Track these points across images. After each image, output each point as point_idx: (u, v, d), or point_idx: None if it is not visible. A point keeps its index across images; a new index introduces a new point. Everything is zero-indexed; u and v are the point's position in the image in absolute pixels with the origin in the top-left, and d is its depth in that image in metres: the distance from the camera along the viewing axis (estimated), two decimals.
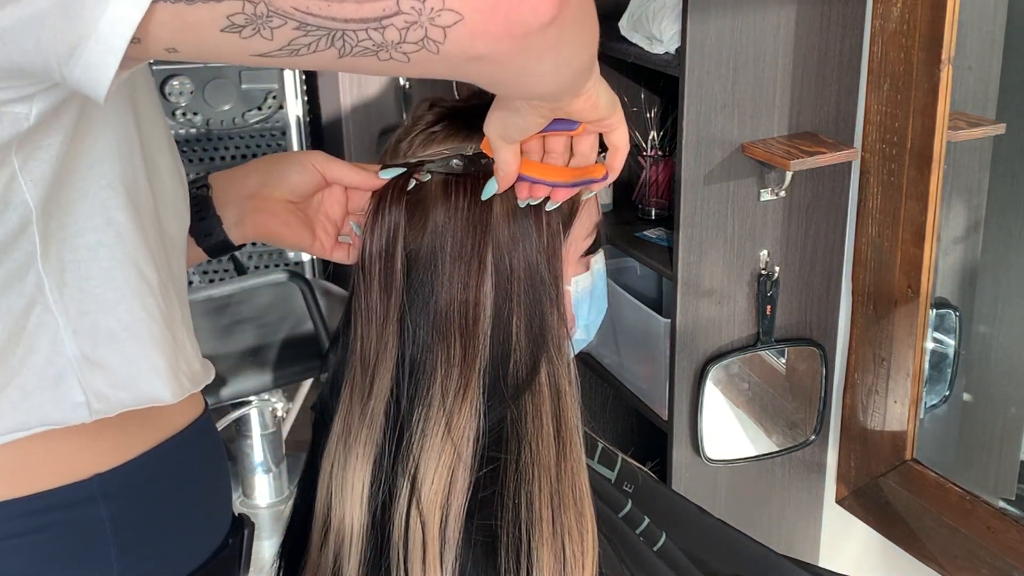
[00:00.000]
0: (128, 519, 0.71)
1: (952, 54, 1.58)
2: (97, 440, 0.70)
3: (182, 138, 3.22)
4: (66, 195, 0.65)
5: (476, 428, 0.82)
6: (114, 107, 0.67)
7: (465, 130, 0.86)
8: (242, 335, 2.42)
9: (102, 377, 0.68)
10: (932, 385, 1.87)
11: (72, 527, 0.68)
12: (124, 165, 0.68)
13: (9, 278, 0.64)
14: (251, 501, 2.71)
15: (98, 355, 0.68)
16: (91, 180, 0.66)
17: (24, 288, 0.65)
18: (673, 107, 1.85)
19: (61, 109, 0.61)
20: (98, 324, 0.67)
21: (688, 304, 1.77)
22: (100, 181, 0.67)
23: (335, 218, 0.91)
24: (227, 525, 0.82)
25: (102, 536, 0.69)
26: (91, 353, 0.67)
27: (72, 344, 0.67)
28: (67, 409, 0.67)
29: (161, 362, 0.70)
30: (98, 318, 0.67)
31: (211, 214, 0.88)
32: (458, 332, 0.82)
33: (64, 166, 0.64)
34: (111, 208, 0.67)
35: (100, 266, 0.67)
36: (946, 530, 1.77)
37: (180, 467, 0.76)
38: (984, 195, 1.84)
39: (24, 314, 0.65)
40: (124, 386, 0.69)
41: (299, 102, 3.27)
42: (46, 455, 0.68)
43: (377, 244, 0.83)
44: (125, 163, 0.68)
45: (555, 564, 0.81)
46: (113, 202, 0.67)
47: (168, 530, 0.74)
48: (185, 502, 0.76)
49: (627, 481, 1.11)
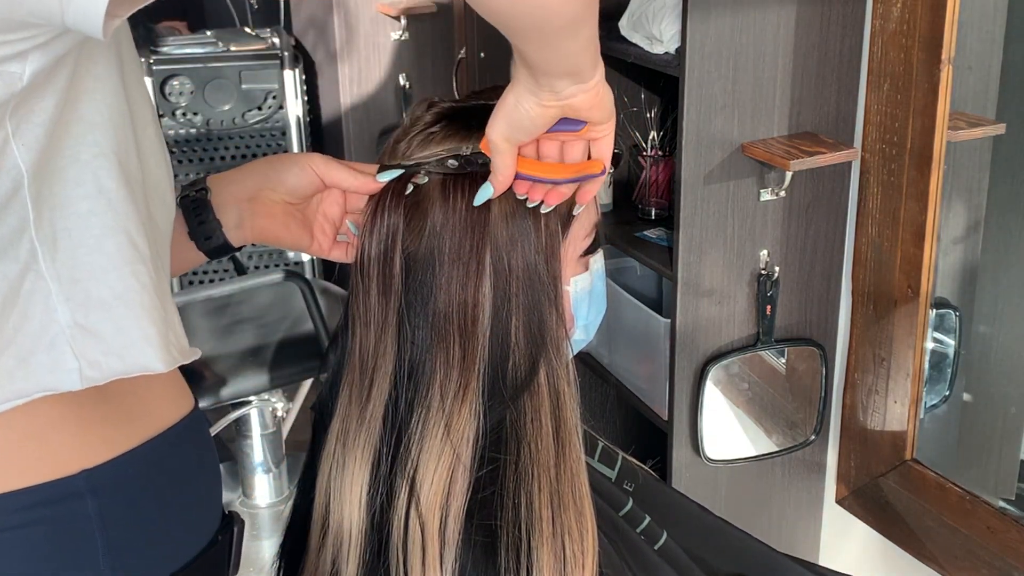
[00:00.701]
0: (116, 515, 0.71)
1: (952, 54, 1.58)
2: (85, 435, 0.70)
3: (182, 138, 3.22)
4: (57, 162, 0.66)
5: (475, 429, 0.82)
6: (106, 78, 0.68)
7: (464, 130, 0.86)
8: (242, 335, 2.42)
9: (94, 345, 0.68)
10: (932, 385, 1.87)
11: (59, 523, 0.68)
12: (116, 134, 0.68)
13: (3, 244, 0.65)
14: (251, 501, 2.71)
15: (90, 323, 0.68)
16: (83, 147, 0.67)
17: (18, 254, 0.65)
18: (673, 107, 1.85)
19: (54, 71, 0.62)
20: (90, 292, 0.68)
21: (688, 304, 1.77)
22: (92, 149, 0.67)
23: (333, 218, 0.91)
24: (217, 522, 0.82)
25: (89, 532, 0.69)
26: (83, 321, 0.67)
27: (65, 311, 0.67)
28: (61, 375, 0.67)
29: (152, 331, 0.70)
30: (90, 286, 0.67)
31: (211, 217, 0.87)
32: (457, 333, 0.82)
33: (56, 132, 0.64)
34: (102, 176, 0.67)
35: (91, 234, 0.67)
36: (946, 530, 1.77)
37: (169, 463, 0.76)
38: (984, 195, 1.84)
39: (19, 280, 0.66)
40: (117, 354, 0.69)
41: (299, 102, 3.27)
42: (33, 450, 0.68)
43: (375, 247, 0.83)
44: (118, 132, 0.69)
45: (555, 564, 0.81)
46: (105, 171, 0.68)
47: (156, 526, 0.74)
48: (174, 499, 0.76)
49: (627, 480, 1.11)
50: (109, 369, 0.69)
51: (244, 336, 2.41)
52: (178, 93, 3.19)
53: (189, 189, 0.89)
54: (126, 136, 0.70)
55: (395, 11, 3.12)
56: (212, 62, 3.19)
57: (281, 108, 3.26)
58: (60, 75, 0.63)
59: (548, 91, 0.73)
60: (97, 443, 0.70)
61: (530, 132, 0.76)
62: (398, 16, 3.13)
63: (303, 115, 3.31)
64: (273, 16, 3.47)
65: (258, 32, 3.38)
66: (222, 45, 3.24)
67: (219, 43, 3.25)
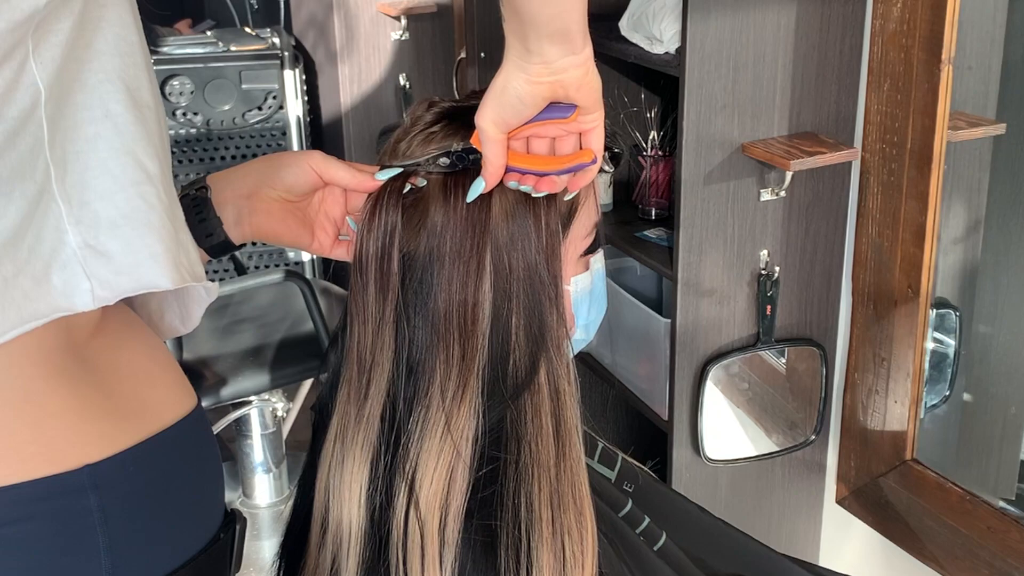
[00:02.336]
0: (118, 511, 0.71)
1: (952, 54, 1.58)
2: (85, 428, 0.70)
3: (182, 138, 3.22)
4: (68, 85, 0.67)
5: (475, 428, 0.82)
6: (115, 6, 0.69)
7: (464, 129, 0.86)
8: (242, 335, 2.42)
9: (104, 264, 0.69)
10: (932, 385, 1.87)
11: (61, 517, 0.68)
12: (123, 61, 0.70)
13: (23, 162, 0.66)
14: (251, 501, 2.71)
15: (100, 243, 0.69)
16: (89, 73, 0.68)
17: (35, 174, 0.66)
18: (673, 107, 1.85)
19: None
20: (99, 213, 0.69)
21: (688, 304, 1.77)
22: (99, 75, 0.69)
23: (334, 217, 0.91)
24: (219, 520, 0.82)
25: (91, 528, 0.69)
26: (93, 241, 0.68)
27: (75, 233, 0.68)
28: (74, 295, 0.68)
29: (159, 249, 0.71)
30: (98, 207, 0.69)
31: (211, 215, 0.88)
32: (457, 332, 0.82)
33: (69, 55, 0.66)
34: (109, 101, 0.69)
35: (98, 156, 0.69)
36: (946, 530, 1.77)
37: (171, 460, 0.76)
38: (984, 195, 1.84)
39: (35, 201, 0.67)
40: (126, 272, 0.70)
41: (299, 102, 3.27)
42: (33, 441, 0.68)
43: (373, 245, 0.83)
44: (124, 59, 0.70)
45: (555, 564, 0.81)
46: (112, 96, 0.69)
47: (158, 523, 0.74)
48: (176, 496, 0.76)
49: (627, 481, 1.11)
50: (119, 287, 0.70)
51: (244, 336, 2.41)
52: (178, 93, 3.19)
53: (189, 188, 0.89)
54: (135, 63, 0.71)
55: (395, 11, 3.12)
56: (212, 62, 3.19)
57: (281, 108, 3.26)
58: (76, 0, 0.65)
59: (539, 62, 0.73)
60: (98, 438, 0.71)
61: (519, 112, 0.76)
62: (398, 16, 3.13)
63: (303, 115, 3.31)
64: (273, 16, 3.47)
65: (258, 32, 3.38)
66: (222, 45, 3.24)
67: (219, 43, 3.25)
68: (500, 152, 0.78)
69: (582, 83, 0.74)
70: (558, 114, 0.77)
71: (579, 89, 0.75)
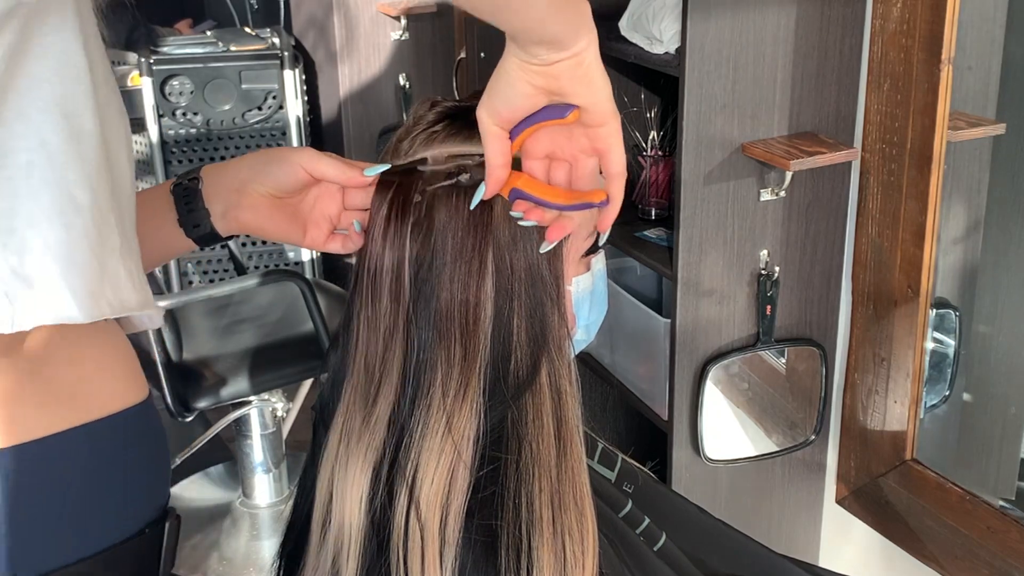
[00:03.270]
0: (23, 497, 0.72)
1: (952, 54, 1.58)
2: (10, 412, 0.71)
3: (182, 138, 3.22)
4: (3, 114, 0.68)
5: (476, 428, 0.81)
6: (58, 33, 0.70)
7: (466, 129, 0.85)
8: (242, 335, 2.42)
9: (25, 291, 0.70)
10: (932, 385, 1.87)
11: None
12: (65, 88, 0.70)
13: None
14: (251, 501, 2.71)
15: (25, 270, 0.70)
16: (28, 102, 0.69)
17: None
18: (673, 107, 1.85)
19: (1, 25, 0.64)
20: (26, 241, 0.70)
21: (688, 304, 1.77)
22: (37, 104, 0.69)
23: (330, 214, 0.91)
24: (150, 515, 0.82)
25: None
26: (18, 267, 0.69)
27: (1, 258, 0.69)
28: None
29: (78, 283, 0.71)
30: (26, 235, 0.69)
31: (200, 206, 0.89)
32: (458, 332, 0.82)
33: (8, 84, 0.67)
34: (45, 131, 0.69)
35: (30, 185, 0.69)
36: (946, 530, 1.77)
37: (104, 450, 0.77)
38: (984, 195, 1.84)
39: None
40: (43, 302, 0.71)
41: (299, 102, 3.27)
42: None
43: (388, 256, 0.83)
44: (67, 86, 0.70)
45: (555, 564, 0.81)
46: (48, 125, 0.70)
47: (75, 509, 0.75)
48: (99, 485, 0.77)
49: (627, 481, 1.11)
50: (37, 316, 0.71)
51: (244, 336, 2.41)
52: (178, 93, 3.19)
53: (183, 178, 0.91)
54: (79, 90, 0.71)
55: (395, 11, 3.12)
56: (212, 62, 3.19)
57: (281, 108, 3.26)
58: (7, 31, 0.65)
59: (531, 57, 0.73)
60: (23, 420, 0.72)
61: (512, 102, 0.75)
62: (398, 16, 3.13)
63: (303, 115, 3.31)
64: (273, 16, 3.48)
65: (258, 32, 3.38)
66: (222, 45, 3.24)
67: (219, 43, 3.25)
68: (499, 151, 0.78)
69: (574, 74, 0.73)
70: (555, 114, 0.76)
71: (572, 80, 0.74)
